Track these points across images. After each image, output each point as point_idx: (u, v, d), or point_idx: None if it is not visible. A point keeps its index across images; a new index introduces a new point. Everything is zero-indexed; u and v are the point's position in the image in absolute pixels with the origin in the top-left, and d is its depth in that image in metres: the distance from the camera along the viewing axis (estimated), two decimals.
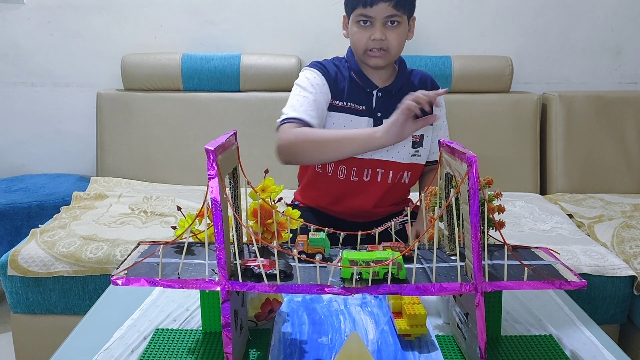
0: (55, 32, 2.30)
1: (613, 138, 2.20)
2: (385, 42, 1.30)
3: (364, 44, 1.31)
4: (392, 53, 1.32)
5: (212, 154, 0.74)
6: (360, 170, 1.39)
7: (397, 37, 1.31)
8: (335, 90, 1.38)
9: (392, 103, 1.33)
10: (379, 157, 1.38)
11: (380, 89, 1.38)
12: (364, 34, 1.30)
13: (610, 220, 1.84)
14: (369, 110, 1.37)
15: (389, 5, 1.26)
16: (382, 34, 1.29)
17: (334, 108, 1.37)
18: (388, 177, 1.40)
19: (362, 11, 1.28)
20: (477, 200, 0.75)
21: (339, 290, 0.77)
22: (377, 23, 1.29)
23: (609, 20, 2.31)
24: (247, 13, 2.28)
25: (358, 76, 1.38)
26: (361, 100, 1.37)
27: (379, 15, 1.28)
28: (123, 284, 0.80)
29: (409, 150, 1.40)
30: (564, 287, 0.80)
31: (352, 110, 1.37)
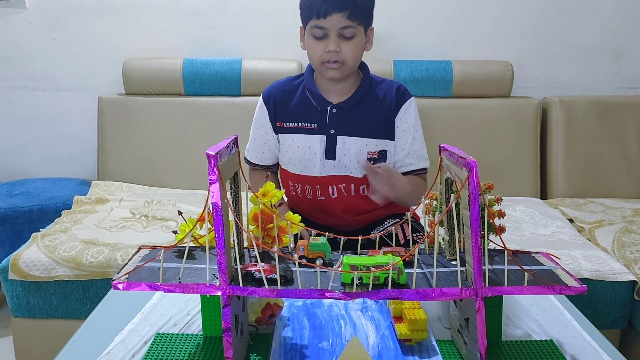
0: (57, 36, 2.31)
1: (613, 143, 2.20)
2: (340, 54, 1.26)
3: (319, 56, 1.28)
4: (348, 65, 1.29)
5: (213, 159, 0.75)
6: (324, 189, 1.38)
7: (353, 48, 1.27)
8: (283, 113, 1.38)
9: (347, 119, 1.34)
10: (337, 174, 1.37)
11: (334, 105, 1.35)
12: (319, 46, 1.27)
13: (610, 225, 1.84)
14: (321, 128, 1.35)
15: (342, 15, 1.23)
16: (336, 45, 1.26)
17: (285, 130, 1.38)
18: (351, 190, 1.38)
19: (316, 22, 1.26)
20: (478, 206, 0.75)
21: (340, 295, 0.77)
22: (331, 34, 1.26)
23: (609, 25, 2.32)
24: (248, 17, 2.29)
25: (311, 94, 1.36)
26: (313, 118, 1.35)
27: (333, 26, 1.25)
28: (124, 288, 0.80)
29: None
30: (564, 292, 0.80)
31: (303, 130, 1.36)
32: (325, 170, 1.36)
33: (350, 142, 1.35)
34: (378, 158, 1.36)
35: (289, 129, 1.37)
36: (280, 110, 1.38)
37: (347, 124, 1.35)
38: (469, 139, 2.17)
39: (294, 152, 1.37)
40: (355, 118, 1.35)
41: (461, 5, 2.29)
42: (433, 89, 2.20)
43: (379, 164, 1.25)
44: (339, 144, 1.35)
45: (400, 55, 2.28)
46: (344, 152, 1.35)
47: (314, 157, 1.36)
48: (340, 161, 1.36)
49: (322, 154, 1.35)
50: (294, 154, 1.38)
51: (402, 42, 2.30)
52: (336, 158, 1.35)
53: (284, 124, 1.38)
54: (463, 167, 0.79)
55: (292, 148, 1.37)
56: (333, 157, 1.35)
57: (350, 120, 1.35)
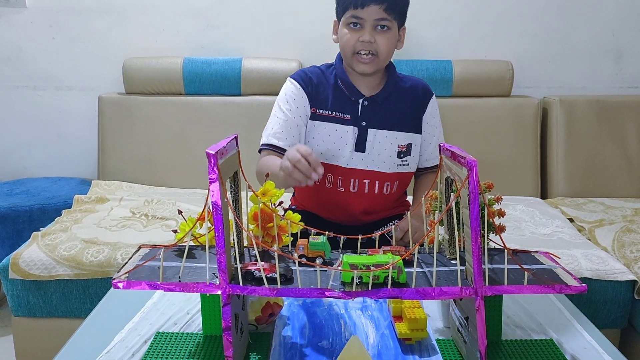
0: (58, 36, 2.31)
1: (614, 142, 2.20)
2: (374, 45, 1.28)
3: (352, 45, 1.29)
4: (381, 58, 1.31)
5: (213, 158, 0.75)
6: (346, 181, 1.38)
7: (387, 41, 1.29)
8: (317, 100, 1.37)
9: (378, 112, 1.36)
10: (364, 167, 1.37)
11: (367, 98, 1.36)
12: (354, 35, 1.29)
13: (611, 225, 1.84)
14: (354, 119, 1.35)
15: (380, 7, 1.25)
16: (371, 36, 1.27)
17: (318, 117, 1.37)
18: (375, 187, 1.38)
19: (352, 12, 1.27)
20: (478, 205, 0.75)
21: (340, 294, 0.77)
22: (367, 25, 1.27)
23: (609, 25, 2.31)
24: (249, 17, 2.29)
25: (344, 84, 1.36)
26: (346, 108, 1.36)
27: (370, 17, 1.26)
28: (124, 287, 0.80)
29: (395, 160, 1.38)
30: (564, 291, 0.80)
31: (336, 120, 1.35)
32: (353, 163, 1.36)
33: (382, 135, 1.36)
34: (405, 151, 1.38)
35: (322, 117, 1.36)
36: (316, 95, 1.37)
37: (378, 117, 1.36)
38: (469, 138, 2.17)
39: (324, 140, 1.36)
40: (386, 111, 1.36)
41: (462, 4, 2.29)
42: (433, 88, 2.12)
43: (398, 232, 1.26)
44: (369, 136, 1.35)
45: (400, 54, 2.26)
46: (373, 145, 1.36)
47: (344, 148, 1.36)
48: (369, 154, 1.36)
49: (353, 146, 1.35)
50: (323, 142, 1.36)
51: None
52: (365, 151, 1.36)
53: (318, 110, 1.37)
54: (463, 166, 0.79)
55: (322, 136, 1.36)
56: (363, 150, 1.36)
57: (381, 113, 1.36)
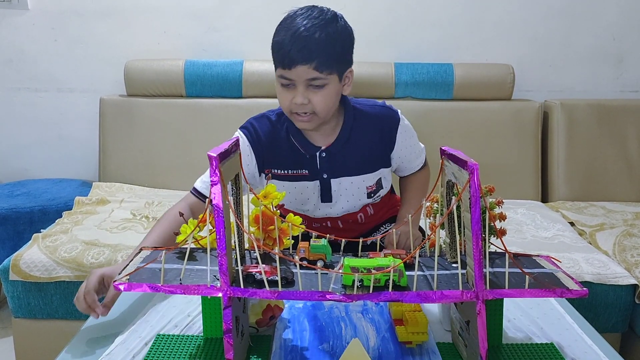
0: (60, 38, 2.31)
1: (615, 146, 2.20)
2: (309, 105, 1.14)
3: (287, 106, 1.16)
4: (321, 115, 1.16)
5: (214, 161, 0.75)
6: (320, 223, 1.33)
7: (323, 99, 1.14)
8: (270, 160, 1.24)
9: (339, 160, 1.25)
10: (334, 215, 1.31)
11: (324, 150, 1.23)
12: (287, 95, 1.15)
13: (611, 229, 1.84)
14: (313, 174, 1.25)
15: (309, 67, 1.10)
16: (304, 97, 1.13)
17: (274, 176, 1.26)
18: (348, 221, 1.33)
19: (281, 72, 1.13)
20: (479, 208, 0.75)
21: (340, 297, 0.77)
22: (299, 85, 1.13)
23: (610, 29, 2.32)
24: (250, 20, 2.29)
25: (297, 139, 1.23)
26: (303, 164, 1.24)
27: (300, 77, 1.12)
28: (125, 289, 0.80)
29: (365, 200, 1.31)
30: (565, 295, 0.80)
31: (294, 177, 1.25)
32: (321, 212, 1.30)
33: (347, 182, 1.27)
34: (376, 188, 1.30)
35: (278, 176, 1.26)
36: (267, 157, 1.25)
37: (340, 166, 1.25)
38: (470, 141, 2.17)
39: (286, 197, 1.25)
40: (346, 158, 1.25)
41: (463, 8, 2.29)
42: (434, 91, 2.20)
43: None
44: (334, 186, 1.26)
45: (401, 57, 2.28)
46: (340, 193, 1.28)
47: (307, 202, 1.28)
48: (337, 202, 1.29)
49: (318, 199, 1.28)
50: (286, 197, 1.24)
51: (403, 44, 2.31)
52: (332, 200, 1.28)
53: (273, 170, 1.25)
54: (464, 169, 0.79)
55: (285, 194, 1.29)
56: (329, 200, 1.28)
57: (342, 161, 1.25)
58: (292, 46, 1.10)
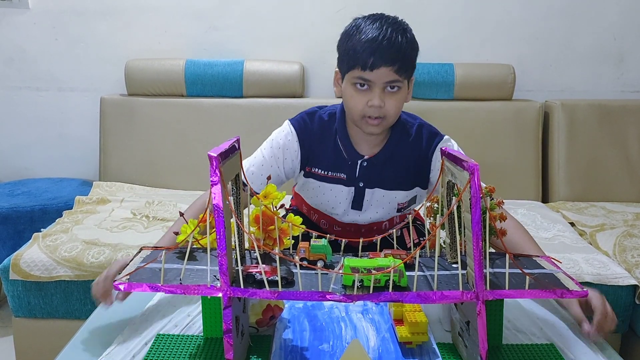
0: (60, 37, 2.31)
1: (615, 146, 2.20)
2: (383, 109, 1.16)
3: (360, 110, 1.17)
4: (390, 120, 1.19)
5: (215, 161, 0.75)
6: (343, 228, 1.35)
7: (396, 103, 1.17)
8: (314, 158, 1.28)
9: (377, 172, 1.27)
10: (361, 222, 1.33)
11: (365, 159, 1.26)
12: (361, 98, 1.16)
13: (612, 229, 1.83)
14: (350, 180, 1.28)
15: (391, 70, 1.12)
16: (380, 100, 1.14)
17: (312, 175, 1.29)
18: (372, 230, 1.35)
19: (360, 74, 1.14)
20: (479, 209, 0.75)
21: (341, 297, 0.77)
22: (375, 88, 1.14)
23: (611, 29, 2.32)
24: (251, 19, 2.29)
25: (343, 145, 1.26)
26: (343, 169, 1.27)
27: (379, 80, 1.14)
28: (125, 289, 0.80)
29: (394, 214, 1.34)
30: (565, 296, 0.80)
31: (332, 180, 1.28)
32: (348, 218, 1.33)
33: (379, 194, 1.29)
34: (407, 206, 1.33)
35: (317, 176, 1.29)
36: (311, 155, 1.28)
37: (377, 178, 1.28)
38: (471, 141, 2.17)
39: (317, 196, 1.31)
40: (385, 171, 1.28)
41: (463, 8, 2.29)
42: (435, 91, 2.20)
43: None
44: (367, 196, 1.29)
45: None
46: (371, 203, 1.30)
47: (339, 206, 1.31)
48: (366, 211, 1.31)
49: (349, 204, 1.30)
50: (317, 197, 1.32)
51: None
52: (362, 209, 1.31)
53: (312, 169, 1.29)
54: (465, 170, 0.79)
55: (316, 192, 1.31)
56: (359, 208, 1.31)
57: (380, 173, 1.28)
58: (377, 48, 1.11)
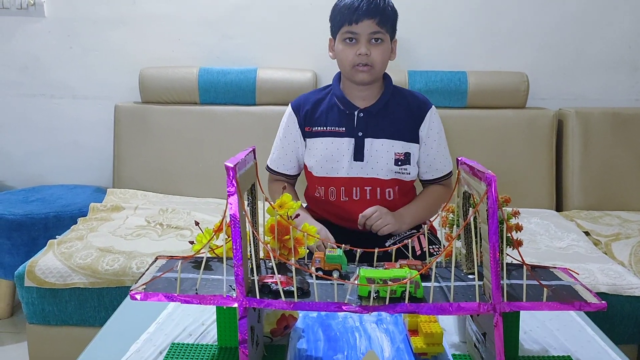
0: (75, 45, 2.34)
1: (630, 155, 2.18)
2: (370, 57, 1.36)
3: (351, 60, 1.37)
4: (377, 68, 1.38)
5: (232, 171, 0.75)
6: (348, 190, 1.45)
7: (381, 53, 1.37)
8: (312, 119, 1.46)
9: (374, 122, 1.43)
10: (363, 175, 1.44)
11: (362, 110, 1.43)
12: (350, 50, 1.37)
13: (627, 239, 1.81)
14: (349, 131, 1.43)
15: (373, 21, 1.34)
16: (367, 49, 1.36)
17: (314, 134, 1.46)
18: (376, 193, 1.45)
19: (347, 28, 1.36)
20: (496, 220, 0.75)
21: (357, 308, 0.77)
22: (362, 39, 1.36)
23: (625, 37, 2.30)
24: (264, 27, 2.31)
25: (339, 100, 1.45)
26: (341, 122, 1.44)
27: (364, 31, 1.35)
28: (142, 299, 0.81)
29: (392, 167, 1.44)
30: (584, 308, 0.79)
31: (332, 133, 1.44)
32: (353, 172, 1.43)
33: (378, 144, 1.42)
34: (404, 159, 1.43)
35: (317, 133, 1.45)
36: (309, 116, 1.46)
37: (375, 127, 1.43)
38: (484, 149, 2.16)
39: (322, 154, 1.44)
40: (382, 121, 1.43)
41: (476, 16, 2.29)
42: (448, 99, 2.20)
43: (364, 213, 1.38)
44: (367, 145, 1.42)
45: (415, 65, 2.28)
46: (371, 154, 1.42)
47: (342, 159, 1.43)
48: (367, 162, 1.43)
49: (351, 156, 1.42)
50: (321, 156, 1.44)
51: (417, 52, 2.30)
52: (364, 159, 1.42)
53: (312, 128, 1.46)
54: (481, 181, 0.78)
55: (320, 150, 1.44)
56: (361, 159, 1.42)
57: (377, 123, 1.43)
58: (360, 4, 1.34)
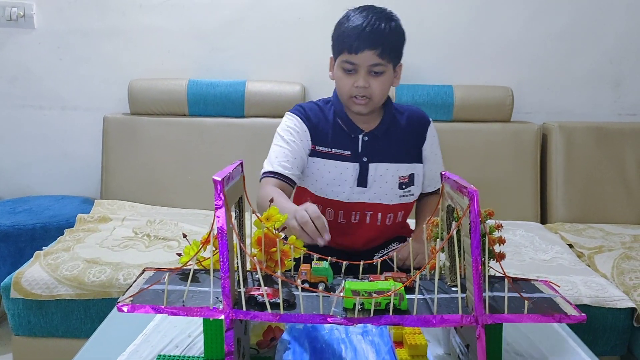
0: (65, 57, 2.34)
1: (613, 169, 2.22)
2: (369, 90, 1.29)
3: (348, 90, 1.30)
4: (375, 101, 1.32)
5: (219, 185, 0.76)
6: (348, 213, 1.38)
7: (380, 85, 1.29)
8: (318, 136, 1.37)
9: (378, 146, 1.36)
10: (365, 201, 1.37)
11: (366, 133, 1.36)
12: (348, 80, 1.30)
13: (610, 251, 1.84)
14: (354, 155, 1.35)
15: (374, 53, 1.25)
16: (365, 81, 1.28)
17: (318, 154, 1.36)
18: (377, 218, 1.38)
19: (347, 57, 1.28)
20: (479, 234, 0.76)
21: (342, 320, 0.78)
22: (361, 70, 1.28)
23: (608, 53, 2.35)
24: (253, 40, 2.33)
25: (343, 121, 1.37)
26: (346, 145, 1.36)
27: (364, 63, 1.27)
28: (129, 310, 0.81)
29: (397, 191, 1.38)
30: (563, 320, 0.81)
31: (336, 157, 1.36)
32: (354, 197, 1.36)
33: (383, 169, 1.36)
34: (408, 182, 1.38)
35: (322, 154, 1.36)
36: (315, 132, 1.37)
37: (379, 151, 1.36)
38: (470, 162, 2.19)
39: (323, 176, 1.36)
40: (386, 145, 1.37)
41: (462, 30, 2.33)
42: (434, 113, 2.23)
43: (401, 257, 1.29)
44: (371, 171, 1.35)
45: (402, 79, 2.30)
46: (375, 179, 1.36)
47: (344, 184, 1.35)
48: (370, 188, 1.36)
49: (354, 182, 1.35)
50: (322, 177, 1.36)
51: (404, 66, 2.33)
52: (367, 185, 1.36)
53: (317, 147, 1.37)
54: (464, 195, 0.80)
55: (322, 172, 1.36)
56: (365, 185, 1.35)
57: (381, 147, 1.36)
58: (362, 33, 1.25)
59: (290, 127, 1.37)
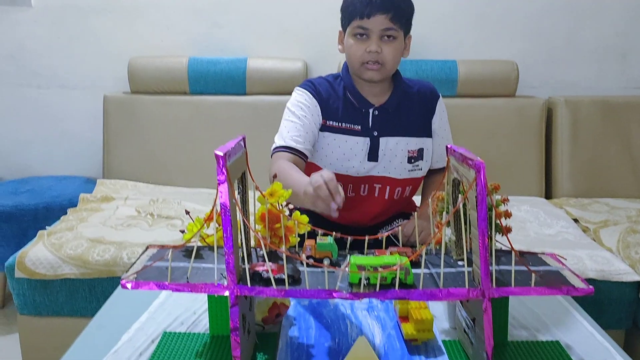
0: (62, 35, 2.31)
1: (619, 143, 2.20)
2: (381, 55, 1.27)
3: (360, 56, 1.29)
4: (388, 67, 1.30)
5: (221, 160, 0.75)
6: (357, 187, 1.37)
7: (393, 51, 1.29)
8: (328, 110, 1.35)
9: (389, 120, 1.35)
10: (375, 174, 1.36)
11: (377, 107, 1.35)
12: (360, 46, 1.28)
13: (615, 225, 1.83)
14: (364, 130, 1.35)
15: (386, 17, 1.25)
16: (377, 46, 1.27)
17: (328, 129, 1.35)
18: (385, 192, 1.38)
19: (358, 23, 1.27)
20: (485, 207, 0.75)
21: (347, 295, 0.78)
22: (373, 36, 1.27)
23: (614, 25, 2.31)
24: (254, 17, 2.29)
25: (353, 95, 1.35)
26: (356, 119, 1.35)
27: (376, 27, 1.26)
28: (132, 287, 0.81)
29: (406, 165, 1.37)
30: (571, 293, 0.80)
31: (347, 131, 1.35)
32: (364, 171, 1.36)
33: (393, 142, 1.35)
34: (417, 156, 1.38)
35: (332, 128, 1.35)
36: (326, 107, 1.35)
37: (390, 125, 1.35)
38: (474, 138, 2.17)
39: (333, 151, 1.35)
40: (396, 119, 1.36)
41: (466, 4, 2.29)
42: (438, 88, 2.11)
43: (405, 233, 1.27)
44: (381, 145, 1.35)
45: None
46: (385, 153, 1.35)
47: (354, 158, 1.35)
48: (380, 162, 1.35)
49: (365, 156, 1.35)
50: (332, 152, 1.35)
51: None
52: (378, 159, 1.35)
53: (327, 122, 1.35)
54: (470, 168, 0.79)
55: (332, 147, 1.35)
56: (375, 159, 1.35)
57: (392, 121, 1.36)
58: None
59: (301, 102, 1.35)
